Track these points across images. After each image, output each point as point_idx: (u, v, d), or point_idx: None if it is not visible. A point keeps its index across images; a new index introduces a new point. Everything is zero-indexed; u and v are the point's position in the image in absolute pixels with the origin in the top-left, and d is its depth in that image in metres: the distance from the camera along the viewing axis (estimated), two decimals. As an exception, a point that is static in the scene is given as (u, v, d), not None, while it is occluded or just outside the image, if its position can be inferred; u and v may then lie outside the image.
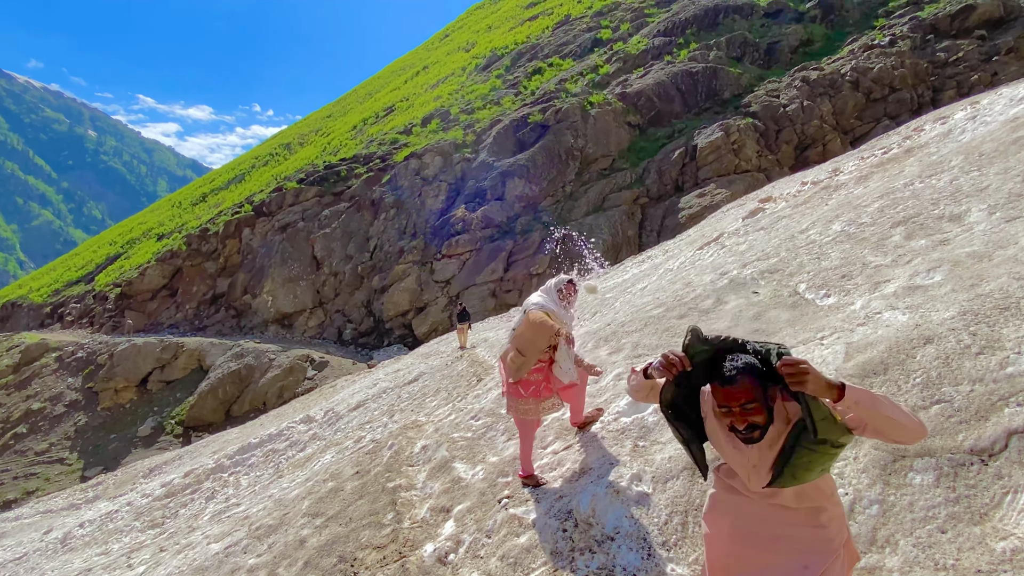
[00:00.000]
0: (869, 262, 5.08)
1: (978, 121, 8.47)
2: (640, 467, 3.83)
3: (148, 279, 40.34)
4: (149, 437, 28.78)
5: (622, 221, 29.85)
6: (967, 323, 3.49)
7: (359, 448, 7.70)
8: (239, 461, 12.22)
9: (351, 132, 53.06)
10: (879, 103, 30.18)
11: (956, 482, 2.68)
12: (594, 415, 4.72)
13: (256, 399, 28.64)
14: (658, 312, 6.43)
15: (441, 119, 42.08)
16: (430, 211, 34.62)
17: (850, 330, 4.06)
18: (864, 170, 9.17)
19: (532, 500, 4.15)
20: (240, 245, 39.57)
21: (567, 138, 33.58)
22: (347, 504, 5.52)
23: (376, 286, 33.68)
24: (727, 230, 10.66)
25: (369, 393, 13.68)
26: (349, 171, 40.40)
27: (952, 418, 2.95)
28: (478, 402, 6.98)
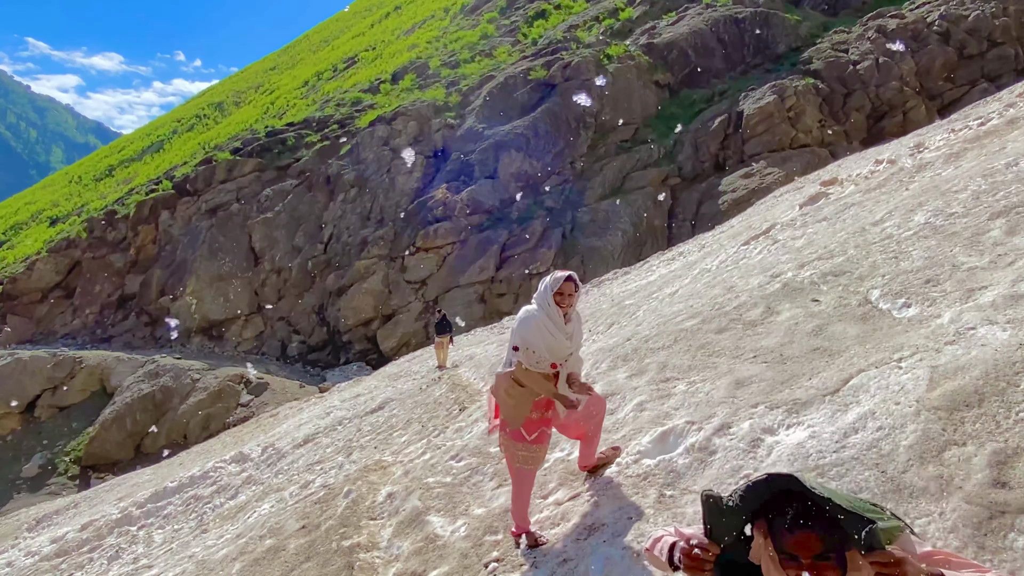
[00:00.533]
0: (961, 263, 5.09)
1: (1100, 85, 8.54)
2: (667, 521, 3.82)
3: (38, 275, 40.07)
4: (37, 478, 28.56)
5: (647, 207, 29.94)
6: (1085, 342, 3.50)
7: (307, 496, 7.65)
8: (152, 511, 12.13)
9: (301, 89, 53.02)
10: (975, 60, 30.38)
11: (1071, 546, 2.69)
12: (609, 455, 4.71)
13: (175, 431, 28.44)
14: (692, 324, 6.42)
15: (417, 74, 42.12)
16: (402, 192, 34.62)
17: (936, 350, 4.06)
18: (955, 146, 9.21)
19: (528, 564, 4.13)
20: (157, 233, 39.41)
21: (578, 101, 33.66)
22: (290, 568, 5.48)
23: (331, 287, 33.62)
24: (780, 220, 10.69)
25: (320, 425, 13.59)
26: (298, 139, 40.35)
27: (1066, 463, 2.96)
28: (460, 437, 6.94)
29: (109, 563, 10.15)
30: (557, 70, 34.90)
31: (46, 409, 31.75)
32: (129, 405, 29.44)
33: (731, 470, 3.99)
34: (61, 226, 46.33)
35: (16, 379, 32.09)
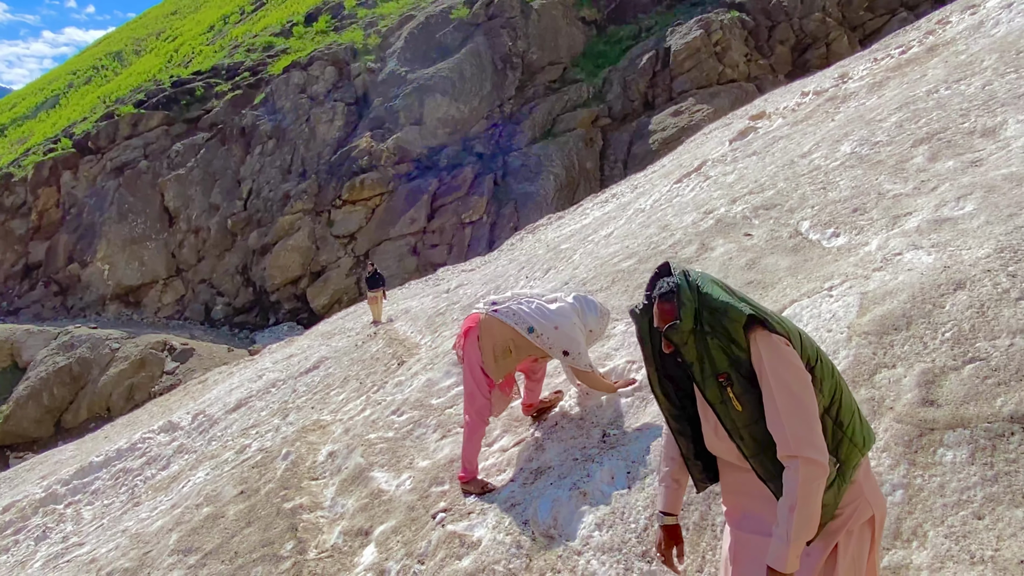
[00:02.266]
0: (886, 191, 5.26)
1: (1015, 10, 8.80)
2: (612, 461, 3.91)
3: (-70, 247, 38.03)
4: (-52, 463, 27.59)
5: (579, 150, 29.97)
6: (1005, 262, 3.67)
7: (243, 461, 7.57)
8: (79, 487, 11.86)
9: (207, 35, 50.75)
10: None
11: (994, 457, 2.85)
12: (552, 400, 4.78)
13: (97, 403, 27.73)
14: (628, 264, 6.51)
15: (332, 15, 40.74)
16: (323, 142, 33.74)
17: (865, 277, 4.21)
18: (878, 75, 9.44)
19: (476, 512, 4.18)
20: (59, 196, 37.65)
21: (503, 40, 33.18)
22: (231, 534, 5.43)
23: (254, 245, 32.81)
24: (711, 157, 10.83)
25: (253, 388, 13.42)
26: (207, 89, 38.77)
27: (989, 379, 3.12)
28: (400, 392, 6.93)
29: (36, 544, 9.91)
30: (480, 8, 34.22)
31: (-47, 389, 30.52)
32: (44, 379, 28.49)
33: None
34: (-48, 193, 43.81)
35: (-84, 359, 30.70)
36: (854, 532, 2.10)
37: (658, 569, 3.26)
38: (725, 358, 2.04)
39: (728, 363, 2.04)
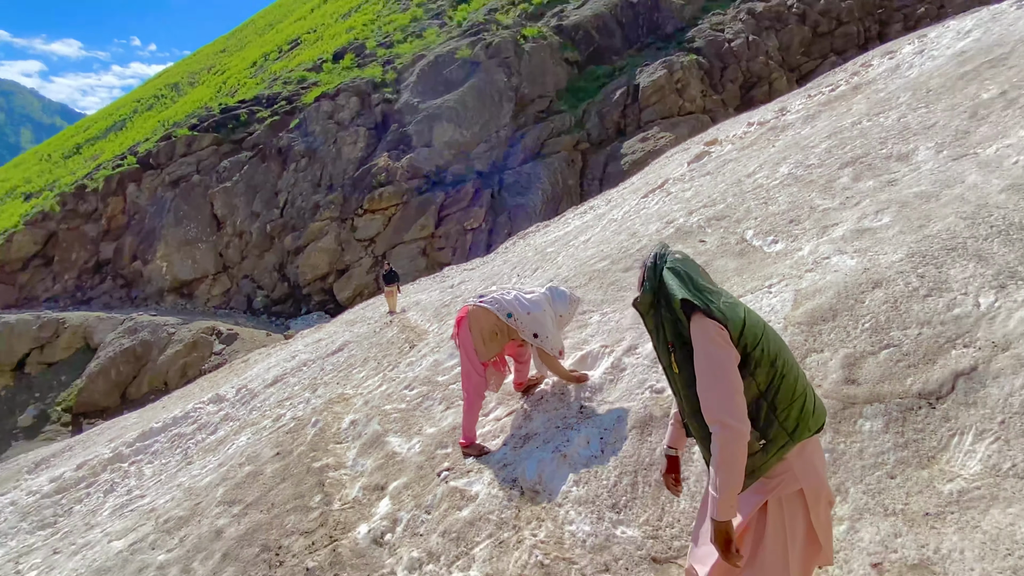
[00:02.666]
0: (817, 205, 5.29)
1: (925, 56, 8.86)
2: (588, 429, 3.93)
3: (17, 246, 37.66)
4: (32, 427, 27.44)
5: (562, 169, 29.94)
6: (915, 265, 3.70)
7: (279, 427, 7.56)
8: (141, 449, 11.83)
9: (250, 70, 50.48)
10: (826, 37, 31.16)
11: (905, 427, 2.88)
12: (539, 377, 4.79)
13: (156, 379, 27.61)
14: (603, 265, 6.52)
15: (356, 54, 40.55)
16: (348, 160, 33.59)
17: (798, 276, 4.24)
18: (811, 109, 9.48)
19: (474, 471, 4.19)
20: (125, 204, 37.38)
21: (500, 77, 33.09)
22: (268, 489, 5.42)
23: (289, 247, 32.66)
24: (672, 176, 10.86)
25: (287, 367, 13.39)
26: (250, 115, 38.55)
27: (901, 362, 3.14)
28: (411, 370, 6.94)
29: (105, 496, 9.89)
30: (480, 49, 34.11)
31: (35, 366, 30.37)
32: (112, 358, 28.39)
33: (638, 383, 4.11)
34: (35, 201, 43.42)
35: (5, 341, 30.52)
36: (783, 501, 2.08)
37: (624, 518, 3.27)
38: (673, 330, 2.08)
39: (674, 334, 2.08)
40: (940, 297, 3.40)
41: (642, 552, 3.05)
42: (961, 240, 3.75)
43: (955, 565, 2.39)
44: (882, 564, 2.52)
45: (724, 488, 1.95)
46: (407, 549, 3.83)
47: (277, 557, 4.31)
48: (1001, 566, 2.30)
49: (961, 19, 10.36)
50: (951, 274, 3.52)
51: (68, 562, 6.68)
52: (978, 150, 4.93)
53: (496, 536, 3.54)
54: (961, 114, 5.70)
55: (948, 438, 2.77)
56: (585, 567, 3.10)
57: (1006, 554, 2.32)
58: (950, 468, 2.67)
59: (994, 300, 3.23)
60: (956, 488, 2.59)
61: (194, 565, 4.81)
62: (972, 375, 2.92)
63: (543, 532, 3.42)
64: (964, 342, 3.09)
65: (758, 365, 2.04)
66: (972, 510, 2.50)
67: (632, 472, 3.47)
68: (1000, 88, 5.83)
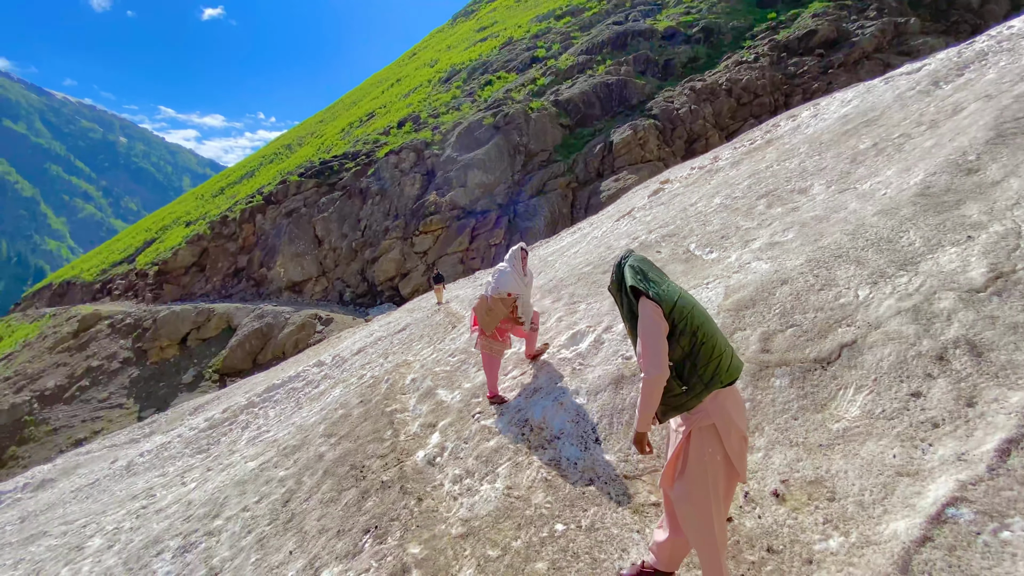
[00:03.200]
0: (741, 226, 5.22)
1: (818, 118, 8.69)
2: (577, 385, 3.91)
3: (180, 258, 38.29)
4: (192, 383, 27.88)
5: (558, 202, 29.77)
6: (812, 268, 3.64)
7: (362, 383, 7.62)
8: (266, 398, 11.98)
9: (340, 134, 50.76)
10: (747, 106, 30.64)
11: (805, 383, 2.83)
12: (542, 349, 4.78)
13: (276, 350, 27.98)
14: (587, 269, 6.49)
15: (413, 122, 40.61)
16: (408, 197, 33.69)
17: (727, 276, 4.18)
18: (737, 157, 9.36)
19: (498, 414, 4.20)
20: (255, 228, 37.81)
21: (514, 137, 32.97)
22: (355, 426, 5.48)
23: (368, 258, 32.85)
24: (637, 206, 10.78)
25: (367, 341, 13.52)
26: (340, 166, 38.76)
27: (801, 337, 3.09)
28: (453, 343, 6.97)
29: (242, 431, 10.02)
30: (500, 118, 34.00)
31: (194, 341, 30.86)
32: (246, 335, 28.78)
33: (613, 352, 4.09)
34: (193, 227, 44.05)
35: (174, 324, 31.05)
36: (702, 431, 2.05)
37: (604, 448, 3.25)
38: (628, 310, 2.11)
39: (629, 312, 2.11)
40: (830, 291, 3.34)
41: (617, 471, 3.03)
42: (845, 250, 3.68)
43: (841, 481, 2.35)
44: (788, 481, 2.48)
45: (641, 412, 2.06)
46: (452, 468, 3.85)
47: (361, 473, 4.36)
48: (875, 482, 2.26)
49: (845, 91, 10.16)
50: (838, 274, 3.46)
51: (217, 476, 6.78)
52: (857, 185, 4.83)
53: (513, 459, 3.54)
54: (844, 159, 5.59)
55: (836, 391, 2.72)
56: (576, 480, 3.09)
57: (878, 473, 2.28)
58: (837, 412, 2.63)
59: (869, 292, 3.16)
60: (842, 427, 2.55)
61: (304, 479, 4.86)
62: (853, 346, 2.87)
63: (546, 456, 3.42)
64: (847, 323, 3.03)
65: (683, 334, 2.03)
66: (853, 442, 2.45)
67: (609, 415, 3.45)
68: (872, 140, 5.70)
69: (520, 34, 47.56)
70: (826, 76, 29.35)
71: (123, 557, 5.26)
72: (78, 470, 14.12)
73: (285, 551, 3.82)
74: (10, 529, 9.71)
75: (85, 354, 30.95)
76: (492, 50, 47.54)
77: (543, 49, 42.72)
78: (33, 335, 35.54)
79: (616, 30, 38.90)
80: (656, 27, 38.23)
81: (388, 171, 35.17)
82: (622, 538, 2.64)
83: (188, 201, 64.66)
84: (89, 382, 28.79)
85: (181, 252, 38.46)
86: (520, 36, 47.06)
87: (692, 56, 35.36)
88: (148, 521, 6.20)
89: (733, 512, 2.46)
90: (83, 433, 25.39)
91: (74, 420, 26.53)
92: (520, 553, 2.74)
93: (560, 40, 43.01)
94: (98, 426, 25.80)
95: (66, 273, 56.00)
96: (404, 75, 61.22)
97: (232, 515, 4.93)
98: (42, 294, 49.85)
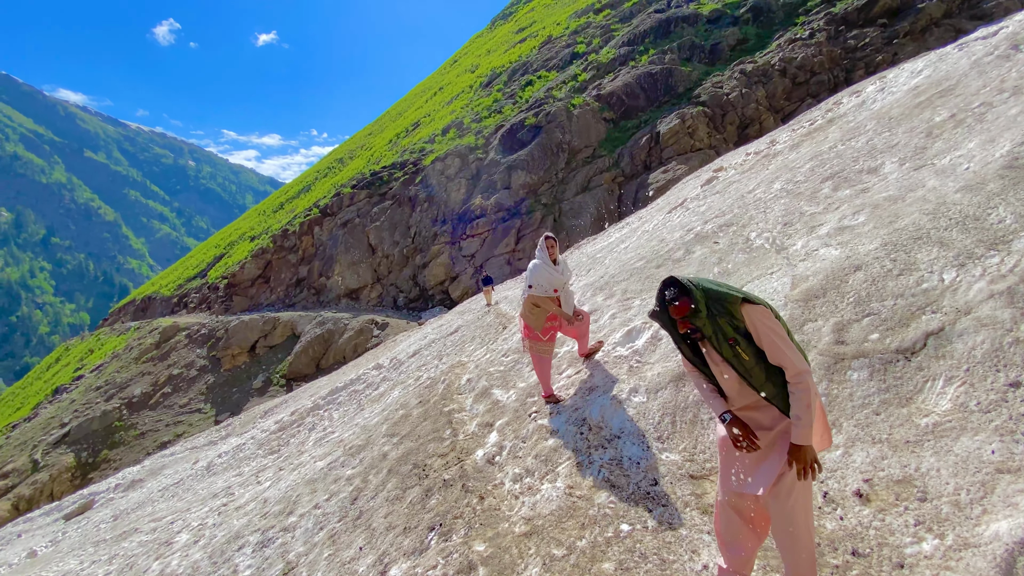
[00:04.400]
0: (805, 211, 4.94)
1: (886, 92, 8.10)
2: (635, 382, 3.83)
3: (247, 271, 40.72)
4: (261, 388, 29.52)
5: (604, 197, 29.33)
6: (888, 252, 3.39)
7: (419, 384, 7.78)
8: (330, 400, 12.43)
9: (388, 144, 52.35)
10: (803, 86, 28.98)
11: (886, 376, 2.65)
12: (596, 346, 4.72)
13: (337, 354, 29.14)
14: (640, 264, 6.35)
15: (457, 128, 41.27)
16: (454, 202, 34.27)
17: (794, 265, 3.97)
18: (796, 139, 8.88)
19: (554, 413, 4.17)
20: (313, 240, 39.67)
21: (557, 135, 32.80)
22: (415, 426, 5.60)
23: (418, 263, 33.69)
24: (689, 196, 10.44)
25: (422, 344, 13.79)
26: (390, 175, 39.98)
27: (880, 326, 2.89)
28: (505, 344, 7.01)
29: (309, 432, 10.47)
30: (542, 118, 33.91)
31: (262, 348, 32.66)
32: (310, 342, 30.17)
33: (672, 349, 3.98)
34: (257, 241, 46.77)
35: (243, 333, 32.99)
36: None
37: (667, 446, 3.17)
38: (730, 328, 1.98)
39: (733, 331, 1.98)
40: (910, 275, 3.10)
41: (683, 471, 2.95)
42: (925, 231, 3.40)
43: (933, 480, 2.18)
44: (872, 480, 2.33)
45: (813, 419, 1.93)
46: (511, 467, 3.87)
47: (424, 472, 4.46)
48: (972, 480, 2.08)
49: (913, 61, 9.40)
50: (918, 257, 3.21)
51: (289, 476, 7.14)
52: (935, 161, 4.46)
53: (573, 459, 3.52)
54: (919, 134, 5.17)
55: (923, 383, 2.52)
56: (640, 481, 3.03)
57: (975, 471, 2.10)
58: (925, 406, 2.44)
59: (956, 275, 2.91)
60: (931, 422, 2.36)
61: (370, 477, 5.04)
62: (940, 334, 2.65)
63: (607, 456, 3.37)
64: (932, 309, 2.81)
65: (790, 334, 2.06)
66: (945, 438, 2.27)
67: (672, 413, 3.36)
68: (950, 112, 5.25)
69: (559, 31, 47.27)
70: (891, 47, 27.28)
71: (208, 551, 5.65)
72: (164, 471, 15.29)
73: (355, 547, 3.98)
74: (104, 527, 10.65)
75: (167, 363, 33.54)
76: (531, 50, 47.53)
77: (583, 44, 42.26)
78: (120, 347, 38.93)
79: (658, 18, 37.88)
80: (700, 11, 36.92)
81: (435, 178, 35.93)
82: (692, 539, 2.56)
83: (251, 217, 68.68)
84: (171, 389, 31.17)
85: (247, 265, 40.89)
86: (559, 34, 46.77)
87: (740, 38, 33.87)
88: (229, 517, 6.62)
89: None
90: (167, 436, 27.52)
91: (159, 424, 28.82)
92: (586, 553, 2.71)
93: (600, 34, 42.39)
94: (180, 430, 27.89)
95: (147, 289, 60.92)
96: (446, 83, 62.33)
97: (305, 512, 5.18)
98: (127, 309, 54.49)
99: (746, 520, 2.12)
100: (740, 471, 2.11)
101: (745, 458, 2.09)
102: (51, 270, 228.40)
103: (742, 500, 2.11)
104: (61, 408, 33.70)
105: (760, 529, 2.12)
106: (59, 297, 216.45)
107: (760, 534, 2.13)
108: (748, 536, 2.13)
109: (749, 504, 2.10)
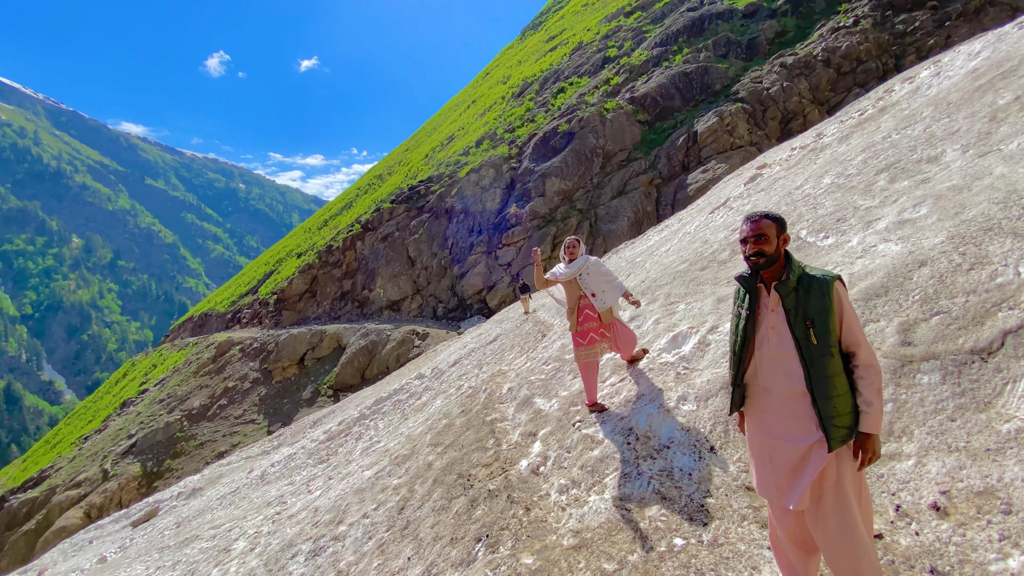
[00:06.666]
0: (860, 205, 4.69)
1: (942, 76, 7.62)
2: (684, 390, 3.72)
3: (294, 286, 42.33)
4: (310, 399, 30.48)
5: (641, 200, 28.87)
6: (956, 245, 3.17)
7: (461, 393, 7.82)
8: (376, 410, 12.66)
9: (425, 159, 53.48)
10: (849, 75, 27.70)
11: (960, 378, 2.46)
12: (639, 354, 4.62)
13: (381, 365, 29.75)
14: (683, 267, 6.18)
15: (490, 140, 41.73)
16: (490, 212, 34.56)
17: (850, 263, 3.77)
18: (845, 131, 8.47)
19: (599, 422, 4.10)
20: (356, 254, 40.84)
21: (590, 140, 32.62)
22: (458, 435, 5.62)
23: (456, 274, 34.11)
24: (732, 195, 10.12)
25: (461, 353, 13.88)
26: (427, 189, 40.79)
27: (951, 325, 2.69)
28: (546, 352, 6.95)
29: (356, 441, 10.68)
30: (575, 124, 33.82)
31: (310, 360, 33.74)
32: (355, 353, 30.93)
33: (721, 355, 3.84)
34: (304, 257, 48.53)
35: (292, 346, 34.20)
36: None
37: (721, 457, 3.05)
38: (815, 306, 1.88)
39: (814, 311, 1.88)
40: (983, 269, 2.88)
41: (738, 483, 2.82)
42: (996, 221, 3.16)
43: (1019, 491, 1.99)
44: (949, 492, 2.15)
45: (883, 406, 1.88)
46: (556, 478, 3.81)
47: (468, 482, 4.46)
48: (1071, 495, 1.89)
49: (970, 43, 8.81)
50: (990, 250, 2.97)
51: (338, 485, 7.31)
52: (1001, 146, 4.14)
53: (620, 469, 3.43)
54: (981, 119, 4.83)
55: (1002, 386, 2.32)
56: (692, 494, 2.92)
57: (1075, 484, 1.91)
58: (1006, 411, 2.24)
59: (1037, 269, 2.68)
60: (1014, 427, 2.17)
61: (416, 487, 5.09)
62: (1019, 332, 2.44)
63: (656, 467, 3.27)
64: (1009, 305, 2.59)
65: None
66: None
67: (724, 422, 3.23)
68: (1014, 94, 4.87)
69: (589, 37, 47.17)
70: (943, 30, 25.71)
71: (263, 559, 5.84)
72: (221, 479, 15.97)
73: (404, 557, 4.01)
74: (168, 533, 11.19)
75: (222, 376, 35.21)
76: (562, 58, 47.61)
77: (614, 48, 41.98)
78: (180, 362, 41.19)
79: (691, 16, 37.19)
80: (736, 6, 36.02)
81: (470, 189, 36.39)
82: (751, 554, 2.44)
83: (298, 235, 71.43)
84: (227, 401, 32.67)
85: (295, 281, 42.52)
86: (589, 39, 46.67)
87: (779, 30, 32.79)
88: (282, 526, 6.83)
89: (883, 528, 2.18)
90: (224, 446, 28.81)
91: (216, 435, 30.23)
92: (638, 567, 2.63)
93: (632, 36, 42.01)
94: (236, 440, 29.15)
95: (203, 306, 64.26)
96: (479, 95, 63.23)
97: (354, 521, 5.28)
98: (185, 326, 57.66)
99: (791, 537, 2.01)
100: (771, 481, 2.00)
101: (778, 470, 1.97)
102: (118, 291, 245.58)
103: (785, 516, 2.01)
104: (128, 420, 35.93)
105: (811, 546, 2.00)
106: (125, 316, 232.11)
107: (812, 550, 2.01)
108: (797, 554, 2.02)
109: (791, 520, 2.00)
